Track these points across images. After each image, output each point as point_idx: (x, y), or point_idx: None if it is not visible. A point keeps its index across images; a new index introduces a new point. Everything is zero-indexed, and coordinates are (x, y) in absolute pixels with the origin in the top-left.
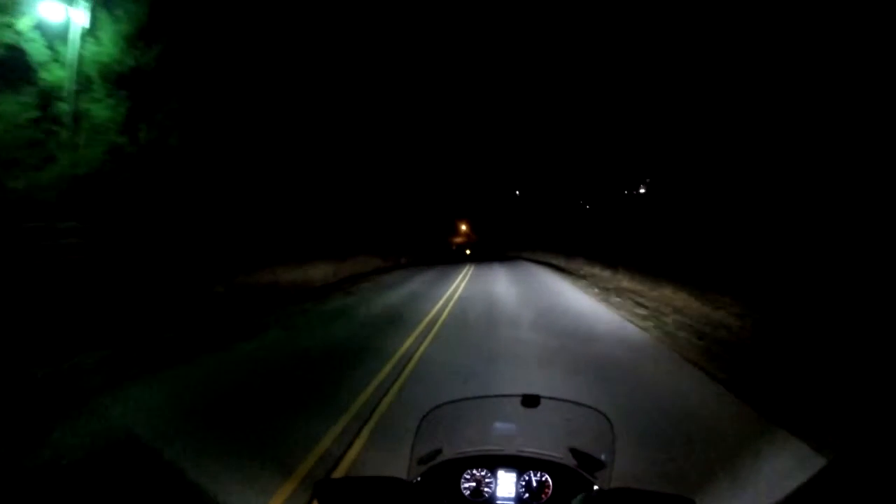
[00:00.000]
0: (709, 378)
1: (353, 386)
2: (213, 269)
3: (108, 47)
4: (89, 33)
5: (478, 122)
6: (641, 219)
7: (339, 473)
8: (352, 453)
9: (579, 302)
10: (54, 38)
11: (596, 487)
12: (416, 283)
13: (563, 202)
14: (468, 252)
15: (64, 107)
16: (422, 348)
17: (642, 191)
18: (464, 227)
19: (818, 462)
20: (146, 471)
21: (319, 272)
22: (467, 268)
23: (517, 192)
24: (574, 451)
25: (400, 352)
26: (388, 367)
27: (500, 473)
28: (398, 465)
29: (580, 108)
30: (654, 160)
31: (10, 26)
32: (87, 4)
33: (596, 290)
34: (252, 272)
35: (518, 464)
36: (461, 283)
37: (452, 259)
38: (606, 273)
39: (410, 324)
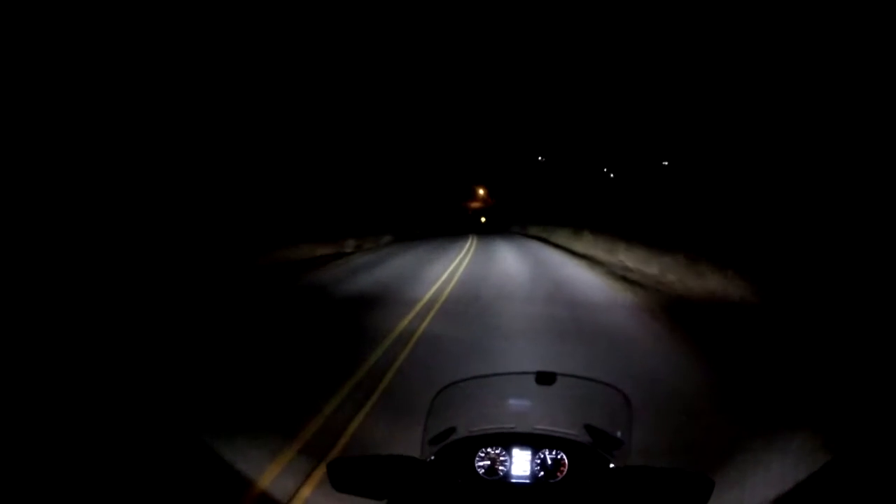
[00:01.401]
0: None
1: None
2: (250, 247)
3: None
4: None
5: (500, 85)
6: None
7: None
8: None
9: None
10: None
11: (612, 465)
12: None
13: (586, 170)
14: (483, 220)
15: None
16: None
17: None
18: (481, 192)
19: (818, 459)
20: None
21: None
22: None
23: (539, 158)
24: (589, 428)
25: None
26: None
27: (515, 451)
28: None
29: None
30: (680, 132)
31: None
32: None
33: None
34: (280, 249)
35: (533, 441)
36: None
37: (457, 229)
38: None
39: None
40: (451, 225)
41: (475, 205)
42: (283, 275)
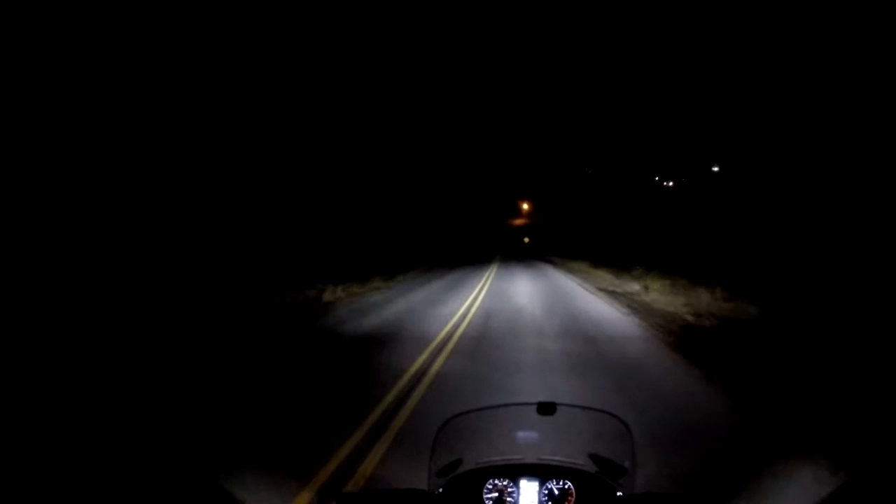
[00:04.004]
0: None
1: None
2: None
3: None
4: None
5: (545, 96)
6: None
7: None
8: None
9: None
10: None
11: (620, 494)
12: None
13: (637, 181)
14: (526, 240)
15: None
16: None
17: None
18: (525, 207)
19: (830, 481)
20: None
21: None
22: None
23: (588, 171)
24: (595, 458)
25: None
26: None
27: (523, 482)
28: None
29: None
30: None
31: None
32: None
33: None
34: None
35: (540, 472)
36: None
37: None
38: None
39: None
40: (485, 248)
41: (518, 222)
42: (305, 312)
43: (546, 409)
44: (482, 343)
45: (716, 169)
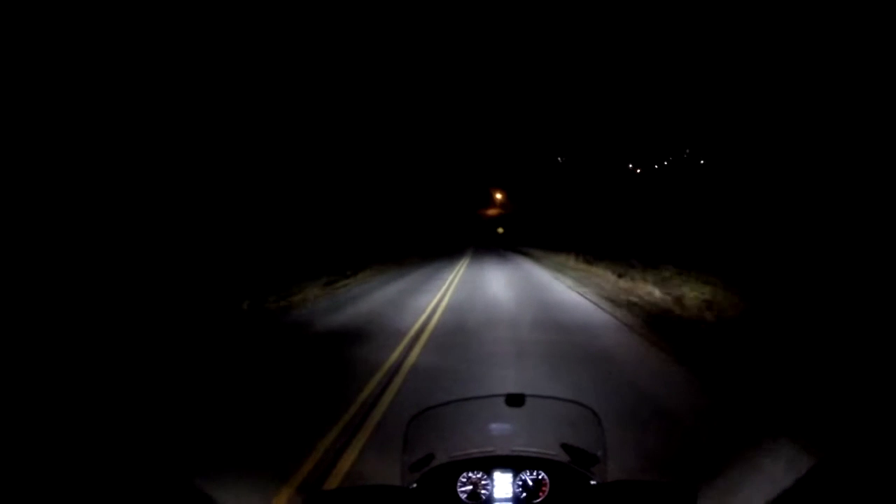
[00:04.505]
0: None
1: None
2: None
3: None
4: None
5: (516, 82)
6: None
7: None
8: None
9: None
10: None
11: (593, 482)
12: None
13: (608, 168)
14: (500, 231)
15: None
16: None
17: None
18: (499, 197)
19: (805, 462)
20: None
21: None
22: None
23: (559, 159)
24: (566, 447)
25: None
26: None
27: (496, 474)
28: None
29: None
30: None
31: None
32: None
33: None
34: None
35: (513, 463)
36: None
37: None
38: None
39: None
40: (454, 240)
41: (492, 212)
42: (276, 313)
43: (515, 400)
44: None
45: (687, 153)
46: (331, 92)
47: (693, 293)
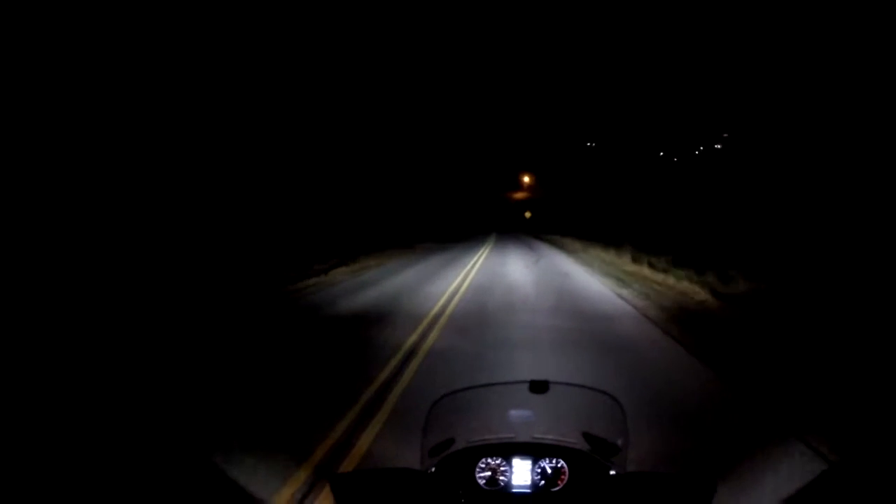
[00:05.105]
0: None
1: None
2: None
3: None
4: None
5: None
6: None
7: None
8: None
9: None
10: None
11: (613, 472)
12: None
13: (640, 155)
14: (528, 215)
15: None
16: None
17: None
18: (527, 180)
19: (817, 465)
20: None
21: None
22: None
23: (589, 144)
24: (587, 436)
25: None
26: None
27: (515, 461)
28: None
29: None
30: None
31: None
32: None
33: None
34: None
35: (533, 451)
36: None
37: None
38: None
39: None
40: (479, 227)
41: (519, 195)
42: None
43: (538, 387)
44: None
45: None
46: (366, 78)
47: None
